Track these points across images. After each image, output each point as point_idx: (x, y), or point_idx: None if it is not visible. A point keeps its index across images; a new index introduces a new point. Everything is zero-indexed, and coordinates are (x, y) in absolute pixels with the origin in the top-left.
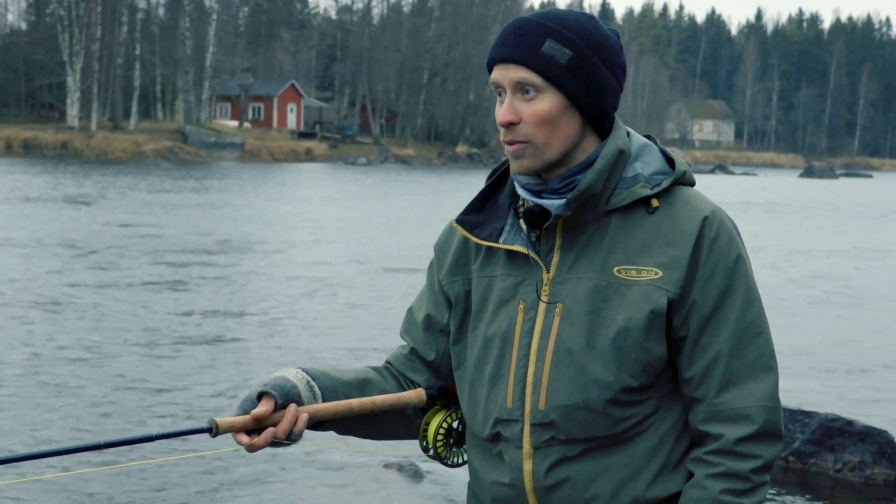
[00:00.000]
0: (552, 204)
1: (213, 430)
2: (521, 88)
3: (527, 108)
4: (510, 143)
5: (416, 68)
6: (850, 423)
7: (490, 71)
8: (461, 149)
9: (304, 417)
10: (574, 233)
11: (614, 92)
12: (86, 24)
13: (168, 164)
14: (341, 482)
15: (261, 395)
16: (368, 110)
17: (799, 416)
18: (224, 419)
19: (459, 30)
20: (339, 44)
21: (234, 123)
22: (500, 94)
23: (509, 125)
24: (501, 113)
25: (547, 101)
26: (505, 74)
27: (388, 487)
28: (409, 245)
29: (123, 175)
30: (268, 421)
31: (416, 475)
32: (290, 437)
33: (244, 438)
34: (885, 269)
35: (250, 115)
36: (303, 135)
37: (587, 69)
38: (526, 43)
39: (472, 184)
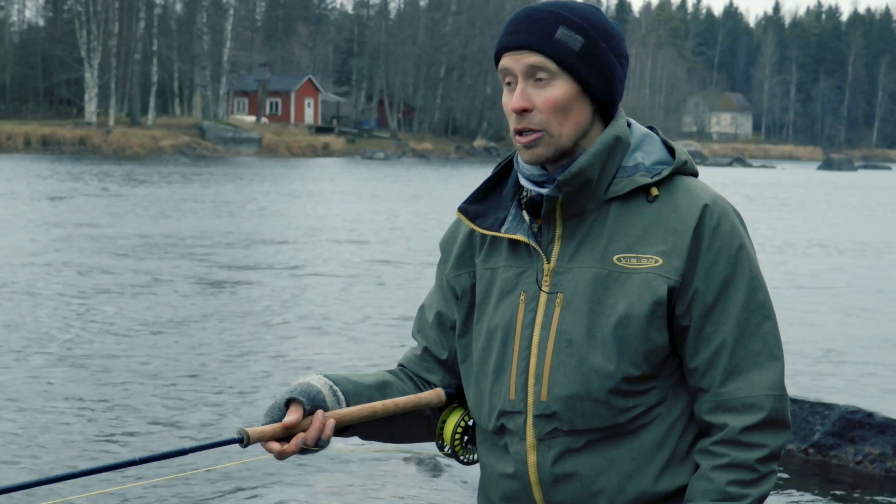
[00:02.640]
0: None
1: (245, 441)
2: (534, 75)
3: (539, 94)
4: (522, 134)
5: (433, 62)
6: (870, 414)
7: (498, 60)
8: (479, 143)
9: (331, 423)
10: (574, 222)
11: (621, 81)
12: (103, 20)
13: (186, 159)
14: (360, 476)
15: (288, 402)
16: (386, 105)
17: (819, 409)
18: (254, 429)
19: (476, 23)
20: (356, 38)
21: (252, 118)
22: (508, 84)
23: (522, 112)
24: (515, 99)
25: (560, 87)
26: (517, 61)
27: (407, 482)
28: (422, 241)
29: (141, 170)
30: (296, 428)
31: (436, 469)
32: (319, 444)
33: (275, 446)
34: None
35: (267, 110)
36: (320, 129)
37: (598, 56)
38: (539, 30)
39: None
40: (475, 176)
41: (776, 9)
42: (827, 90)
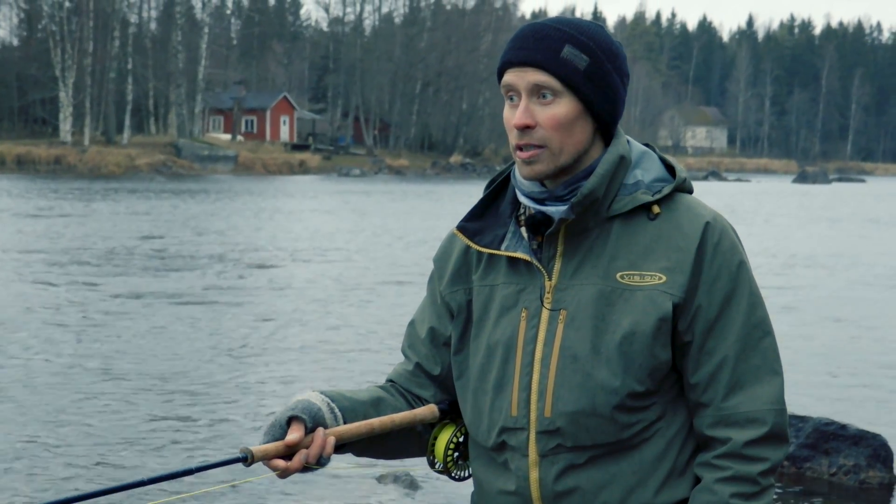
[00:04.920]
0: (555, 210)
1: (249, 459)
2: (538, 92)
3: (543, 112)
4: (523, 149)
5: (408, 78)
6: (844, 426)
7: (501, 75)
8: (455, 158)
9: (331, 440)
10: (576, 239)
11: (622, 101)
12: (78, 39)
13: (162, 177)
14: (337, 493)
15: (289, 420)
16: (361, 121)
17: (793, 421)
18: (258, 447)
19: (451, 39)
20: (332, 55)
21: (227, 136)
22: (511, 99)
23: (525, 128)
24: (518, 116)
25: (564, 106)
26: (522, 77)
27: (384, 498)
28: (403, 257)
29: (117, 189)
30: (298, 446)
31: (412, 486)
32: (320, 461)
33: (280, 463)
34: (873, 273)
35: (243, 128)
36: (296, 147)
37: (603, 76)
38: (545, 47)
39: (467, 193)
40: (451, 192)
41: (750, 22)
42: (801, 103)
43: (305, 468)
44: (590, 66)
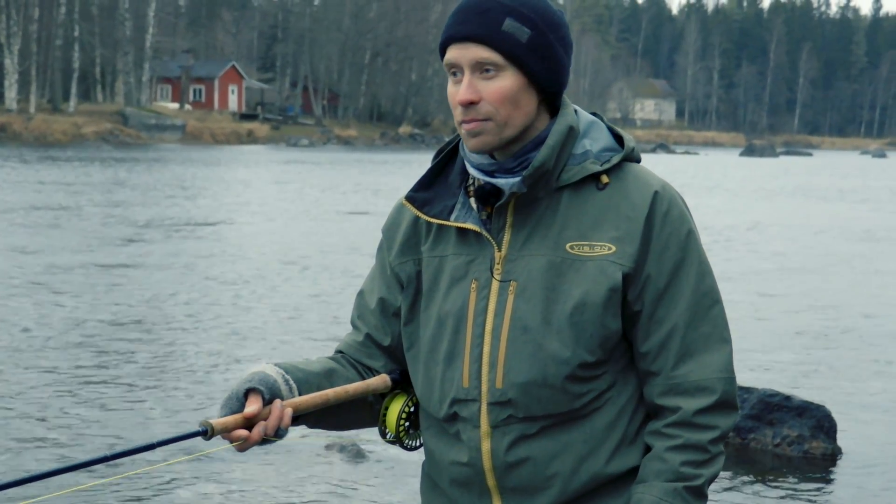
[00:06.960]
0: (506, 182)
1: (209, 433)
2: (481, 67)
3: (487, 86)
4: (468, 122)
5: (358, 48)
6: (788, 398)
7: (443, 51)
8: (404, 129)
9: (289, 412)
10: (525, 210)
11: (566, 71)
12: (23, 5)
13: (108, 146)
14: (284, 464)
15: (246, 393)
16: (310, 91)
17: (738, 392)
18: (218, 420)
19: (401, 9)
20: (281, 24)
21: (175, 105)
22: (454, 74)
23: (469, 104)
24: (462, 92)
25: (508, 80)
26: (464, 54)
27: (332, 469)
28: (349, 228)
29: (63, 158)
30: (256, 418)
31: (359, 455)
32: (278, 433)
33: (243, 433)
34: (816, 244)
35: (191, 97)
36: (244, 116)
37: (546, 47)
38: (486, 21)
39: (416, 163)
40: (400, 162)
41: None
42: (749, 76)
43: (264, 440)
44: (532, 38)
